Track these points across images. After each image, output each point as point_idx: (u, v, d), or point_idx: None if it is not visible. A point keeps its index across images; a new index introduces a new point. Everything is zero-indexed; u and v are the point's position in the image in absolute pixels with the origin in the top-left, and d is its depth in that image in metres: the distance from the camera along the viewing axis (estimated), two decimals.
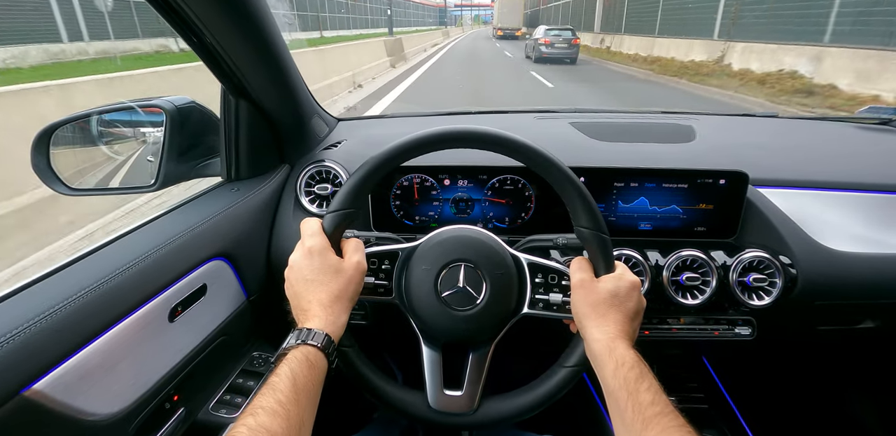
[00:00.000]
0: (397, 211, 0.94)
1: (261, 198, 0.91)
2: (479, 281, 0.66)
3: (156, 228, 0.73)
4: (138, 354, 0.59)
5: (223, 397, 0.76)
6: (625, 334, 0.58)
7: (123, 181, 0.97)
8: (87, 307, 0.53)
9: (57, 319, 0.49)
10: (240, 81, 0.82)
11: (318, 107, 1.10)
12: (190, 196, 0.88)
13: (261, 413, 0.45)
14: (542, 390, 0.65)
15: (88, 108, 0.87)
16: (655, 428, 0.48)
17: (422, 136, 0.63)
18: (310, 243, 0.61)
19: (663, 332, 0.90)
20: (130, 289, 0.59)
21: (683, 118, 1.24)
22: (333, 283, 0.59)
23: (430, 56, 19.04)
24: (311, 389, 0.51)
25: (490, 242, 0.69)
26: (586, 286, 0.62)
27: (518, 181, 0.92)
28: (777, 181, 0.94)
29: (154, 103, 0.86)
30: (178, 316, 0.66)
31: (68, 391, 0.49)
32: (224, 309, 0.77)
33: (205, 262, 0.73)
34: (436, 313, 0.66)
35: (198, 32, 0.71)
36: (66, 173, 0.86)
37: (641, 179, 0.89)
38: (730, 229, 0.90)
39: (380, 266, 0.69)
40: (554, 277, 0.68)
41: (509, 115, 1.34)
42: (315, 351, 0.54)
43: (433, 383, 0.66)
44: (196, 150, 0.92)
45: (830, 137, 1.20)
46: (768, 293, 0.85)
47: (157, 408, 0.64)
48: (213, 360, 0.75)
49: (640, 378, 0.52)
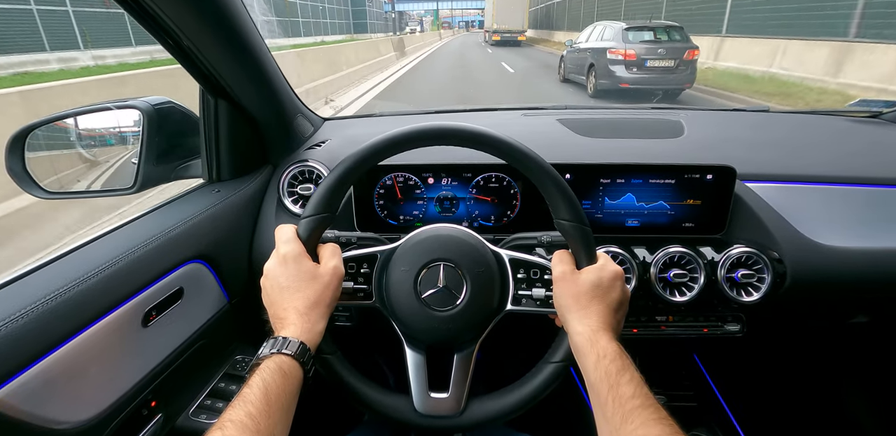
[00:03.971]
0: (381, 211, 0.92)
1: (243, 199, 0.90)
2: (460, 280, 0.65)
3: (130, 231, 0.72)
4: (110, 359, 0.58)
5: (204, 402, 0.75)
6: (608, 326, 0.57)
7: (104, 184, 0.95)
8: (52, 313, 0.51)
9: (18, 325, 0.48)
10: (217, 81, 0.81)
11: (303, 106, 1.09)
12: (169, 198, 0.86)
13: (229, 426, 0.44)
14: (529, 387, 0.64)
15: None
16: (635, 421, 0.47)
17: (394, 134, 0.62)
18: (284, 250, 0.60)
19: (651, 329, 0.89)
20: (100, 294, 0.57)
21: (672, 113, 1.23)
22: (309, 289, 0.58)
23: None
24: (284, 400, 0.50)
25: (470, 239, 0.68)
26: (568, 278, 0.60)
27: (503, 179, 0.90)
28: (765, 176, 0.93)
29: (130, 104, 0.85)
30: (153, 321, 0.65)
31: (33, 399, 0.48)
32: (203, 313, 0.76)
33: (181, 265, 0.71)
34: (417, 315, 0.65)
35: (172, 35, 0.69)
36: (42, 176, 0.85)
37: (628, 175, 0.88)
38: (718, 225, 0.89)
39: (358, 270, 0.68)
40: (536, 272, 0.67)
41: (496, 112, 1.32)
42: (289, 360, 0.52)
43: (418, 386, 0.65)
44: (176, 151, 0.91)
45: (820, 130, 1.19)
46: (757, 289, 0.84)
47: (133, 414, 0.62)
48: (192, 364, 0.73)
49: (622, 371, 0.51)
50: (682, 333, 0.89)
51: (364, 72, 11.49)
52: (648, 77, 7.34)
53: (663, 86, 7.39)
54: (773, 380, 1.23)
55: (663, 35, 7.68)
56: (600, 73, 7.68)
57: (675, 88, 7.51)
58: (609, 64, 7.46)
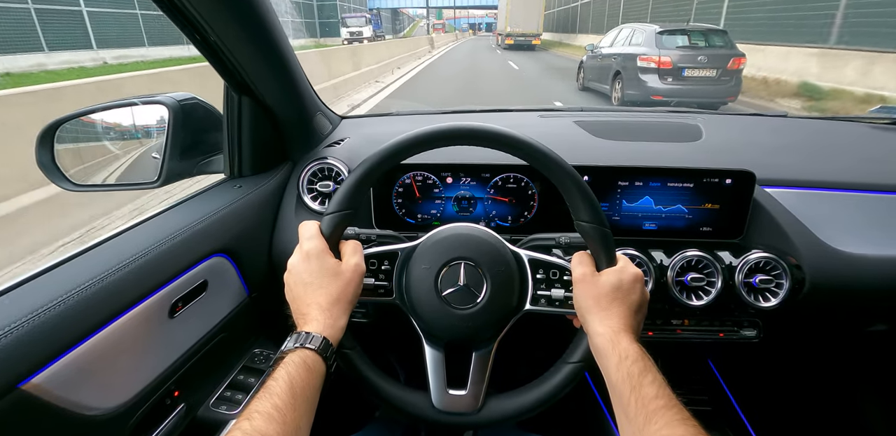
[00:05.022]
0: (399, 209, 0.93)
1: (263, 195, 0.91)
2: (480, 279, 0.66)
3: (157, 224, 0.73)
4: (138, 349, 0.59)
5: (224, 394, 0.76)
6: (628, 328, 0.58)
7: (128, 178, 0.97)
8: (87, 302, 0.53)
9: (55, 313, 0.49)
10: (242, 78, 0.82)
11: (322, 105, 1.10)
12: (193, 193, 0.88)
13: (257, 417, 0.45)
14: (547, 386, 0.64)
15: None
16: (659, 421, 0.47)
17: (418, 134, 0.63)
18: (307, 246, 0.61)
19: (667, 333, 0.89)
20: (130, 284, 0.59)
21: (690, 117, 1.22)
22: (332, 286, 0.59)
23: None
24: (308, 393, 0.51)
25: (490, 239, 0.68)
26: (588, 280, 0.61)
27: (521, 180, 0.91)
28: (785, 181, 0.92)
29: (156, 99, 0.86)
30: (179, 312, 0.66)
31: (67, 385, 0.49)
32: (225, 305, 0.77)
33: (206, 258, 0.72)
34: (437, 313, 0.65)
35: (201, 30, 0.71)
36: (70, 170, 0.87)
37: (646, 178, 0.88)
38: (736, 230, 0.89)
39: (379, 267, 0.69)
40: (555, 273, 0.67)
41: (513, 113, 1.33)
42: (313, 355, 0.53)
43: (437, 382, 0.66)
44: (199, 146, 0.92)
45: (840, 136, 1.18)
46: (775, 295, 0.84)
47: (157, 403, 0.64)
48: (213, 356, 0.75)
49: (644, 372, 0.52)
50: (697, 337, 0.89)
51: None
52: (685, 88, 6.32)
53: (703, 99, 6.28)
54: (788, 386, 1.22)
55: (702, 40, 6.66)
56: (628, 82, 6.73)
57: (716, 102, 6.45)
58: (639, 72, 6.49)
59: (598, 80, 8.10)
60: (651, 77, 6.46)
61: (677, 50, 6.48)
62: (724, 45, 6.63)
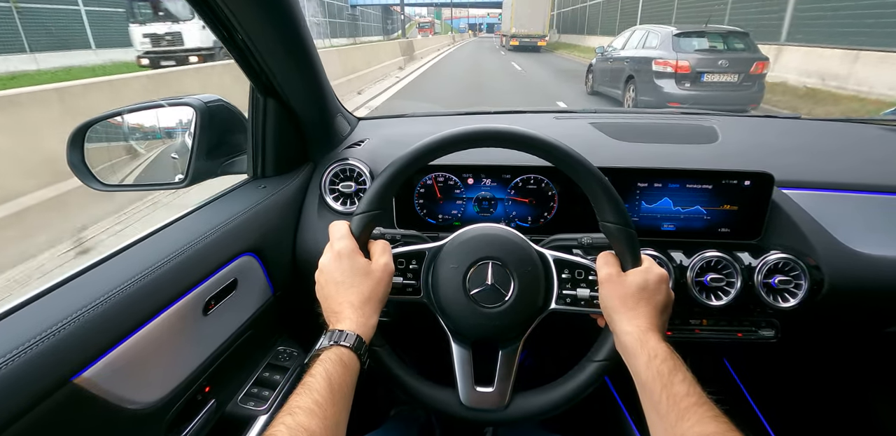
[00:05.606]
0: (420, 209, 0.94)
1: (287, 195, 0.92)
2: (507, 278, 0.67)
3: (188, 224, 0.75)
4: (175, 345, 0.61)
5: (251, 390, 0.78)
6: (655, 327, 0.59)
7: (153, 177, 0.99)
8: (130, 299, 0.54)
9: (102, 310, 0.51)
10: (269, 80, 0.83)
11: (341, 106, 1.12)
12: (218, 193, 0.89)
13: (299, 412, 0.46)
14: (573, 384, 0.65)
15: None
16: (692, 418, 0.48)
17: (446, 136, 0.64)
18: (339, 246, 0.62)
19: (686, 333, 0.90)
20: (167, 283, 0.60)
21: (705, 119, 1.23)
22: (363, 285, 0.60)
23: None
24: (345, 389, 0.52)
25: (516, 239, 0.69)
26: (614, 280, 0.62)
27: (541, 181, 0.92)
28: (802, 183, 0.93)
29: (184, 101, 0.88)
30: (212, 310, 0.67)
31: (113, 380, 0.51)
32: (252, 304, 0.79)
33: (236, 257, 0.74)
34: (465, 311, 0.67)
35: (231, 29, 0.72)
36: (98, 169, 0.88)
37: (665, 179, 0.89)
38: (754, 231, 0.90)
39: (407, 266, 0.70)
40: (581, 273, 0.68)
41: (528, 115, 1.34)
42: (348, 352, 0.55)
43: (464, 380, 0.67)
44: (223, 147, 0.94)
45: (856, 138, 1.19)
46: (793, 295, 0.84)
47: (191, 399, 0.65)
48: (241, 353, 0.76)
49: (674, 370, 0.53)
50: (715, 337, 0.90)
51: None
52: (704, 94, 5.92)
53: (723, 106, 5.79)
54: (805, 386, 1.23)
55: (722, 42, 6.27)
56: (642, 87, 6.43)
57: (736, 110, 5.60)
58: (655, 77, 6.17)
59: (608, 84, 7.80)
60: (667, 82, 6.10)
61: (696, 53, 6.11)
62: (745, 48, 6.26)
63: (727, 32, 6.51)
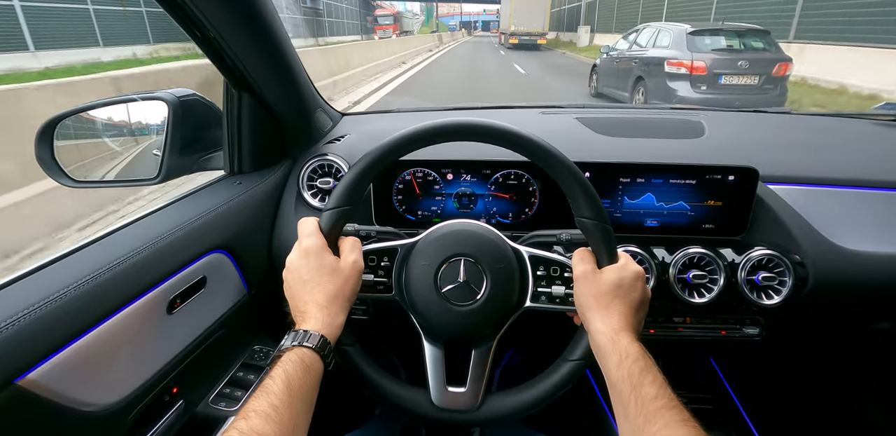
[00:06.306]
0: (399, 206, 0.93)
1: (263, 191, 0.91)
2: (480, 275, 0.65)
3: (155, 220, 0.73)
4: (136, 345, 0.59)
5: (223, 391, 0.76)
6: (629, 326, 0.57)
7: (127, 174, 0.97)
8: (84, 297, 0.53)
9: (52, 309, 0.49)
10: (242, 74, 0.82)
11: (323, 101, 1.10)
12: (192, 189, 0.88)
13: (253, 417, 0.45)
14: (547, 384, 0.64)
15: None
16: (659, 422, 0.47)
17: (417, 129, 0.62)
18: (306, 244, 0.60)
19: (669, 331, 0.89)
20: (128, 280, 0.58)
21: (693, 114, 1.21)
22: (330, 283, 0.59)
23: None
24: (305, 391, 0.50)
25: (490, 235, 0.68)
26: (589, 277, 0.60)
27: (522, 176, 0.90)
28: (788, 178, 0.91)
29: (156, 96, 0.86)
30: (177, 308, 0.66)
31: (63, 381, 0.49)
32: (224, 302, 0.77)
33: (204, 254, 0.72)
34: (436, 309, 0.65)
35: (200, 26, 0.70)
36: (69, 165, 0.86)
37: (648, 174, 0.87)
38: (739, 227, 0.88)
39: (379, 263, 0.68)
40: (556, 270, 0.67)
41: (514, 110, 1.32)
42: (310, 353, 0.53)
43: (436, 380, 0.66)
44: (199, 143, 0.92)
45: (844, 133, 1.17)
46: (778, 292, 0.83)
47: (156, 400, 0.64)
48: (213, 353, 0.74)
49: (644, 371, 0.51)
50: (699, 335, 0.89)
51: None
52: (722, 98, 5.43)
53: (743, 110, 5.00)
54: (790, 384, 1.22)
55: (739, 41, 5.68)
56: (653, 89, 5.89)
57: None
58: (667, 79, 5.62)
59: (614, 85, 7.23)
60: (681, 84, 5.56)
61: (712, 53, 5.55)
62: (766, 48, 5.69)
63: (746, 30, 5.94)
